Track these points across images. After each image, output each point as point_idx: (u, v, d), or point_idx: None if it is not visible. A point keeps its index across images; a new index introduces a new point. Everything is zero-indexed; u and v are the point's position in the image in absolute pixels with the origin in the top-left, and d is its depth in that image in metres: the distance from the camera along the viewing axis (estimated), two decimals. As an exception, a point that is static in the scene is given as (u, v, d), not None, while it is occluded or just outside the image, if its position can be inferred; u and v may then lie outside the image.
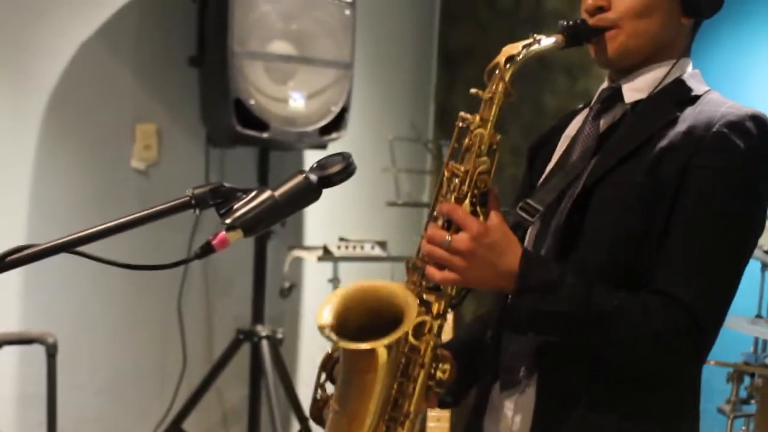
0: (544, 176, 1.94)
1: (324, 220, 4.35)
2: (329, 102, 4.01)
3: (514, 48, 1.80)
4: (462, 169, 1.79)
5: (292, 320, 4.52)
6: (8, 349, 3.67)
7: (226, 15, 3.77)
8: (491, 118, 1.79)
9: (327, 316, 1.77)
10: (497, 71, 1.80)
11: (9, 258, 1.37)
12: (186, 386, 4.19)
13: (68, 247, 1.40)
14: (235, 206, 1.48)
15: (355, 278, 4.29)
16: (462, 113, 1.82)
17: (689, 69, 1.93)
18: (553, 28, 1.91)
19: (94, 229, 1.41)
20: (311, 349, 4.54)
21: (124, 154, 4.08)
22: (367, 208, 4.53)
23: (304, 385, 4.43)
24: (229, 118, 3.81)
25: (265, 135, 3.86)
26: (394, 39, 4.79)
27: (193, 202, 1.46)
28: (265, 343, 4.04)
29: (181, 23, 4.07)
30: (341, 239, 4.29)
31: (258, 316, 4.13)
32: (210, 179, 4.21)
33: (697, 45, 1.97)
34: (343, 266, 4.31)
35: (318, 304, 4.63)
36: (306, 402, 4.05)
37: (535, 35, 1.83)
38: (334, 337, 1.74)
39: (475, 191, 1.78)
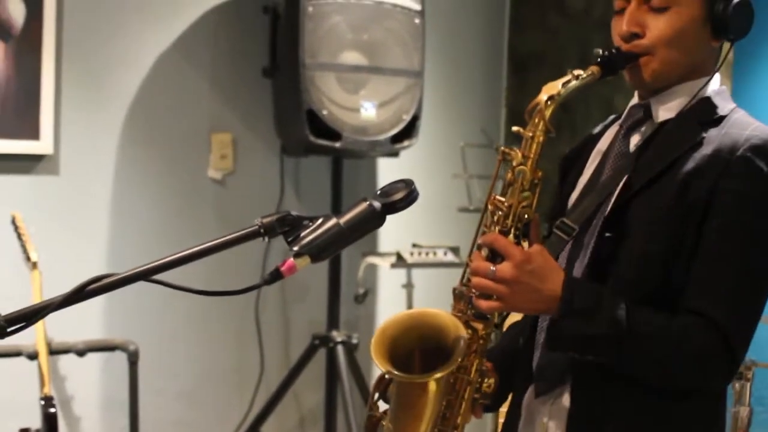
0: (578, 194, 2.02)
1: (397, 226, 4.38)
2: (400, 110, 4.05)
3: (553, 87, 1.88)
4: (506, 203, 1.87)
5: (367, 325, 4.58)
6: (92, 356, 3.80)
7: (298, 27, 3.84)
8: (533, 155, 1.88)
9: (381, 347, 1.87)
10: (538, 109, 1.87)
11: (89, 288, 1.43)
12: (264, 390, 4.28)
13: (144, 276, 1.46)
14: (302, 234, 1.54)
15: (429, 284, 4.38)
16: (503, 148, 1.91)
17: (716, 86, 1.97)
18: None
19: (168, 259, 1.48)
20: (386, 354, 4.59)
21: (200, 163, 4.18)
22: (439, 214, 4.57)
23: (379, 389, 4.48)
24: (303, 129, 3.88)
25: (337, 144, 3.92)
26: (463, 46, 4.81)
27: (262, 231, 1.53)
28: (340, 349, 4.10)
29: (255, 34, 4.15)
30: (414, 245, 4.33)
31: (333, 321, 4.19)
32: (285, 188, 4.29)
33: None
34: (416, 271, 4.36)
35: (392, 309, 4.67)
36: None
37: (573, 71, 1.89)
38: (394, 371, 1.84)
39: (519, 224, 1.86)
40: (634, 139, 1.96)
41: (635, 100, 2.01)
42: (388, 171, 4.51)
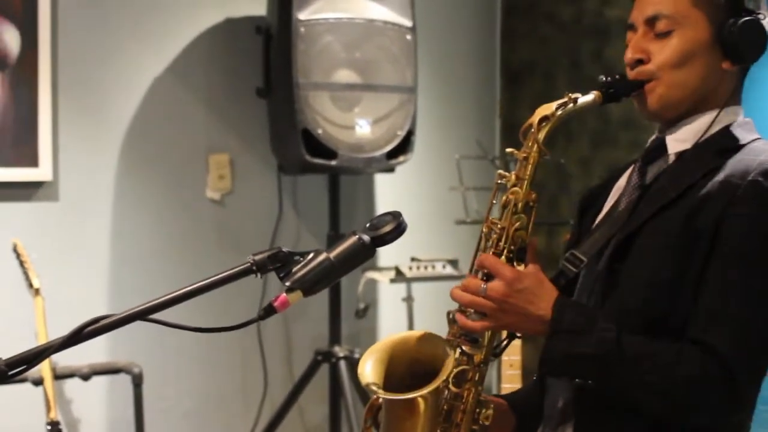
0: (593, 227, 1.98)
1: (396, 240, 4.42)
2: (395, 126, 4.08)
3: (547, 108, 1.87)
4: (499, 225, 1.87)
5: (369, 340, 4.60)
6: (97, 379, 3.82)
7: (290, 47, 3.88)
8: (527, 177, 1.86)
9: (370, 369, 1.87)
10: (531, 131, 1.86)
11: (87, 329, 1.47)
12: (268, 407, 4.31)
13: (141, 315, 1.50)
14: (294, 269, 1.58)
15: (429, 296, 4.41)
16: (500, 171, 1.90)
17: (739, 118, 1.92)
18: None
19: (165, 298, 1.53)
20: (388, 367, 4.63)
21: (199, 184, 4.21)
22: (437, 228, 4.60)
23: (382, 402, 4.52)
24: (298, 148, 3.91)
25: (333, 162, 3.96)
26: (456, 59, 4.85)
27: (254, 268, 1.57)
28: (342, 364, 4.12)
29: (248, 55, 4.18)
30: (413, 259, 4.36)
31: (335, 337, 4.22)
32: (283, 206, 4.32)
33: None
34: (416, 284, 4.39)
35: (394, 323, 4.66)
36: None
37: (571, 95, 1.87)
38: (375, 389, 1.84)
39: (512, 247, 1.85)
40: (651, 172, 1.93)
41: (655, 134, 1.97)
42: (385, 186, 4.55)
